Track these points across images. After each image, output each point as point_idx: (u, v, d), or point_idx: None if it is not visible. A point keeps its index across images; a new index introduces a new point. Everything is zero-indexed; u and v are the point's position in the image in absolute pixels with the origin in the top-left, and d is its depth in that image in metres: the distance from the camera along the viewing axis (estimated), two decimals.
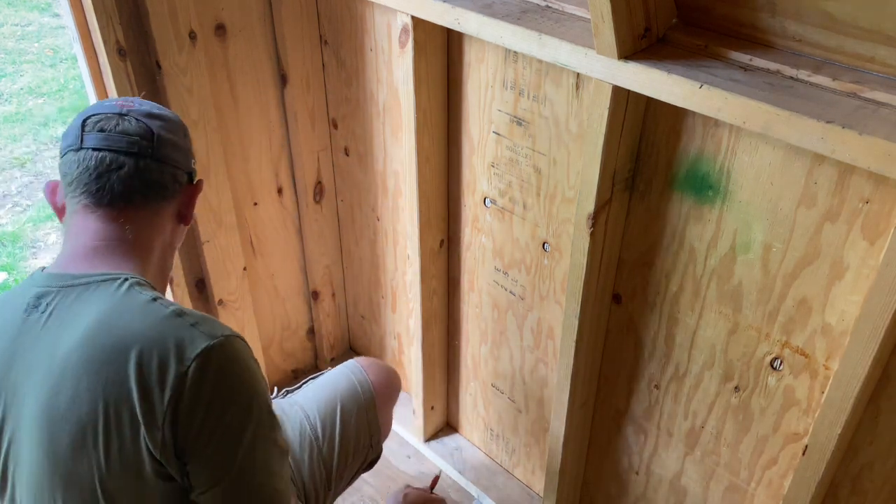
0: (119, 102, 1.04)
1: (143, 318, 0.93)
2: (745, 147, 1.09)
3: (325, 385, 1.53)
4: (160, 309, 0.95)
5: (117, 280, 0.97)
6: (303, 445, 1.41)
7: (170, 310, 0.95)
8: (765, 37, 1.05)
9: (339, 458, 1.43)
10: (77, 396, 0.90)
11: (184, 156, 1.08)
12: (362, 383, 1.52)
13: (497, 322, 1.67)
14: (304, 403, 1.48)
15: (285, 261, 1.98)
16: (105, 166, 0.99)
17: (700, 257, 1.22)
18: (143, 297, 0.96)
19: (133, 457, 0.91)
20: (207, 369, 0.91)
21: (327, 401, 1.48)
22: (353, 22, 1.60)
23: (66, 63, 4.31)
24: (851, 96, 0.96)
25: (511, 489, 1.86)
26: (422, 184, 1.54)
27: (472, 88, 1.43)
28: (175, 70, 1.50)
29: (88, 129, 1.00)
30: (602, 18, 1.02)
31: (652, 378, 1.41)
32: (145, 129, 1.02)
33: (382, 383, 1.55)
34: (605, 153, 1.17)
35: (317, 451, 1.41)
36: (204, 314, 0.99)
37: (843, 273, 1.06)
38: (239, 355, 0.96)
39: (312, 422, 1.44)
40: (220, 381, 0.93)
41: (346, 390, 1.50)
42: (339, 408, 1.47)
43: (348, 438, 1.45)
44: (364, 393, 1.51)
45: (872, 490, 1.18)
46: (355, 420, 1.47)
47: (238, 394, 0.95)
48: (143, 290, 0.97)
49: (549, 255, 1.45)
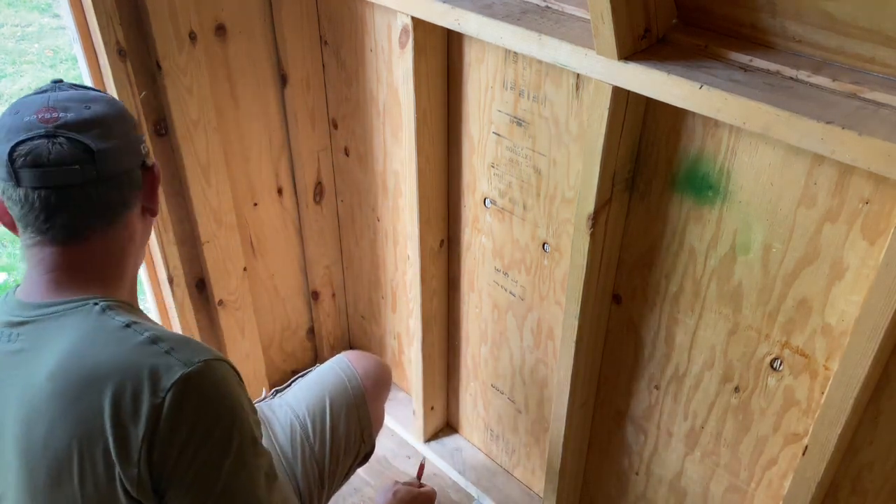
0: (40, 115, 0.91)
1: (116, 348, 0.90)
2: (745, 147, 1.09)
3: (313, 383, 1.52)
4: (133, 336, 0.91)
5: (86, 304, 0.92)
6: (294, 445, 1.40)
7: (143, 336, 0.91)
8: (765, 37, 1.05)
9: (331, 456, 1.43)
10: (52, 432, 0.87)
11: (132, 150, 0.98)
12: (351, 378, 1.51)
13: (497, 322, 1.67)
14: (294, 403, 1.47)
15: (285, 261, 1.98)
16: (52, 206, 0.91)
17: (700, 258, 1.22)
18: (115, 323, 0.92)
19: (108, 495, 0.88)
20: (183, 400, 0.87)
21: (316, 398, 1.47)
22: (353, 22, 1.61)
23: (66, 64, 4.31)
24: (851, 97, 0.96)
25: (511, 489, 1.86)
26: (422, 184, 1.54)
27: (472, 89, 1.43)
28: (175, 70, 1.50)
29: (20, 164, 0.89)
30: (602, 19, 1.02)
31: (652, 378, 1.41)
32: (82, 150, 0.90)
33: (371, 377, 1.54)
34: (605, 153, 1.17)
35: (308, 450, 1.41)
36: (183, 337, 0.95)
37: (842, 273, 1.06)
38: (218, 381, 0.92)
39: (302, 421, 1.43)
40: (198, 411, 0.89)
41: (335, 386, 1.50)
42: (329, 405, 1.46)
43: (339, 435, 1.45)
44: (353, 388, 1.50)
45: (872, 490, 1.18)
46: (345, 416, 1.46)
47: (217, 423, 0.90)
48: (117, 313, 0.93)
49: (549, 255, 1.45)
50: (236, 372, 0.98)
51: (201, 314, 1.83)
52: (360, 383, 1.51)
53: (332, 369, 1.54)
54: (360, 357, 1.58)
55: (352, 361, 1.56)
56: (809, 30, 1.00)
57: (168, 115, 1.54)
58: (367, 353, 1.65)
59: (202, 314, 1.83)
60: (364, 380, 1.52)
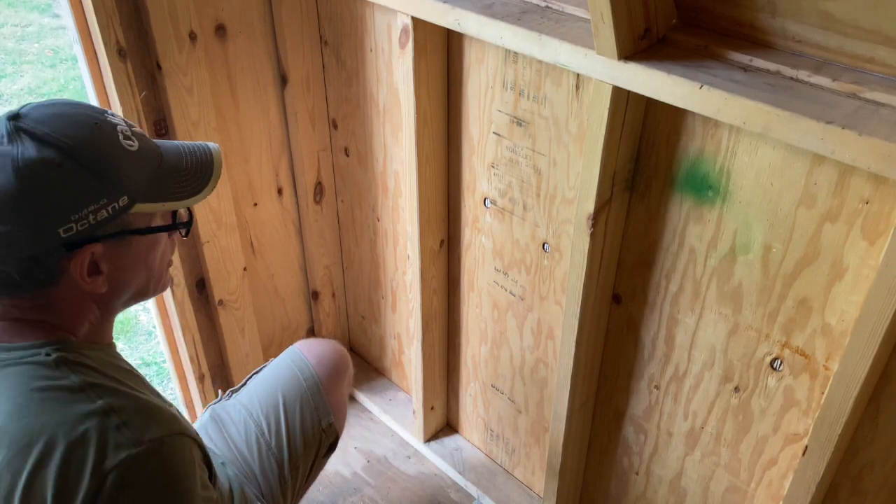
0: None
1: (64, 415, 0.84)
2: (745, 147, 1.09)
3: (266, 379, 1.49)
4: (85, 403, 0.85)
5: (38, 354, 0.87)
6: (250, 445, 1.38)
7: (97, 405, 0.85)
8: (765, 37, 1.05)
9: (290, 451, 1.40)
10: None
11: (29, 236, 0.84)
12: (303, 369, 1.48)
13: (497, 322, 1.67)
14: (247, 402, 1.44)
15: (285, 261, 1.98)
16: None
17: (700, 258, 1.22)
18: (67, 383, 0.86)
19: None
20: (125, 483, 0.82)
21: (269, 395, 1.44)
22: (353, 22, 1.61)
23: (66, 64, 4.31)
24: (851, 97, 0.96)
25: (511, 489, 1.86)
26: (422, 184, 1.55)
27: (472, 89, 1.43)
28: (175, 70, 1.50)
29: None
30: (602, 19, 1.02)
31: (652, 378, 1.41)
32: None
33: (326, 365, 1.50)
34: (605, 153, 1.17)
35: (265, 449, 1.38)
36: (142, 405, 0.89)
37: (843, 273, 1.06)
38: (167, 463, 0.87)
39: (256, 419, 1.41)
40: (141, 496, 0.84)
41: (287, 380, 1.47)
42: (282, 400, 1.43)
43: (295, 429, 1.41)
44: (306, 379, 1.47)
45: (872, 490, 1.18)
46: (300, 409, 1.43)
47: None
48: (71, 370, 0.87)
49: (549, 255, 1.45)
50: (198, 444, 0.95)
51: (201, 314, 1.83)
52: (314, 373, 1.48)
53: (284, 362, 1.51)
54: (313, 345, 1.54)
55: (304, 351, 1.52)
56: (809, 30, 1.00)
57: (168, 115, 1.54)
58: (322, 339, 1.61)
59: (202, 314, 1.83)
60: (318, 369, 1.48)
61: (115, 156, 0.89)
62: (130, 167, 0.90)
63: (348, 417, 2.07)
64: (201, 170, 1.00)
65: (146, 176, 0.93)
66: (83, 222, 0.86)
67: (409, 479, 1.93)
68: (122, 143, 0.90)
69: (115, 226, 0.90)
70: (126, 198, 0.89)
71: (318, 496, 1.87)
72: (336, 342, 1.60)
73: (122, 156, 0.89)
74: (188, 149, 1.01)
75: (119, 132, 0.91)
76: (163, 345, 1.90)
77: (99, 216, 0.87)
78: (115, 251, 0.91)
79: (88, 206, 0.86)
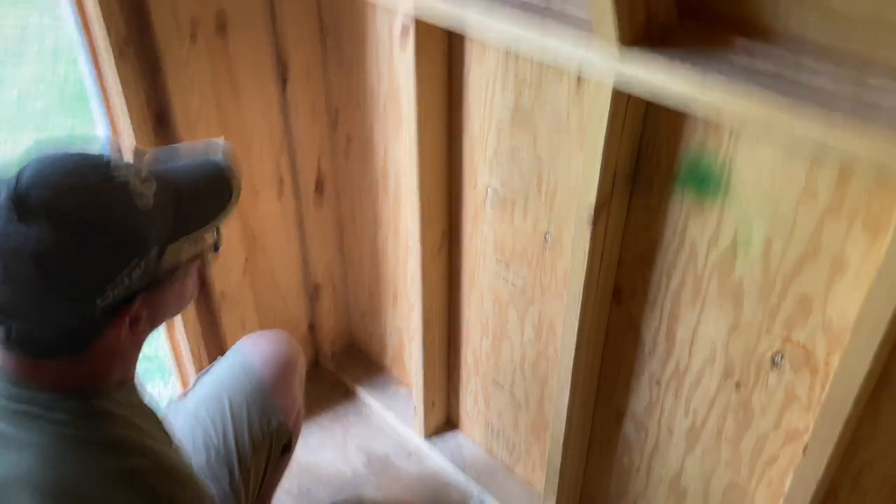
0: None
1: (89, 472, 0.83)
2: (746, 144, 1.08)
3: (211, 382, 1.45)
4: (115, 461, 0.84)
5: (71, 400, 0.85)
6: (198, 449, 1.35)
7: (126, 465, 0.85)
8: (766, 33, 1.05)
9: (239, 456, 1.36)
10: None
11: (54, 306, 0.81)
12: (247, 370, 1.44)
13: (498, 316, 1.67)
14: (194, 405, 1.41)
15: (286, 256, 1.98)
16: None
17: (701, 254, 1.22)
18: (98, 437, 0.85)
19: None
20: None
21: (214, 398, 1.41)
22: (354, 17, 1.60)
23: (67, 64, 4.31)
24: (853, 93, 0.95)
25: (511, 487, 1.86)
26: (422, 179, 1.54)
27: (473, 85, 1.42)
28: (176, 64, 1.50)
29: None
30: (602, 17, 1.02)
31: (652, 375, 1.41)
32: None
33: (271, 362, 1.45)
34: (605, 151, 1.17)
35: (214, 453, 1.35)
36: (168, 465, 0.89)
37: (844, 270, 1.05)
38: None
39: (203, 423, 1.37)
40: None
41: (231, 381, 1.43)
42: (227, 402, 1.39)
43: (243, 433, 1.38)
44: (251, 381, 1.42)
45: (872, 489, 1.18)
46: (246, 412, 1.39)
47: None
48: (103, 421, 0.86)
49: (551, 246, 1.45)
50: (209, 495, 0.96)
51: (202, 309, 1.83)
52: (259, 373, 1.43)
53: (229, 364, 1.47)
54: (258, 342, 1.49)
55: (247, 350, 1.47)
56: (811, 26, 0.99)
57: (169, 108, 1.54)
58: (269, 333, 1.55)
59: (203, 309, 1.83)
60: (263, 368, 1.44)
61: (137, 217, 0.84)
62: (153, 220, 0.86)
63: (348, 413, 2.09)
64: (219, 185, 0.97)
65: (169, 219, 0.88)
66: (119, 287, 0.83)
67: (409, 475, 1.93)
68: (138, 203, 0.84)
69: (151, 275, 0.86)
70: (156, 248, 0.86)
71: (319, 493, 1.87)
72: (284, 335, 1.54)
73: (143, 214, 0.84)
74: (201, 167, 0.97)
75: (132, 190, 0.84)
76: (164, 340, 1.90)
77: (133, 276, 0.83)
78: (154, 297, 0.89)
79: (121, 272, 0.82)
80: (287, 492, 1.86)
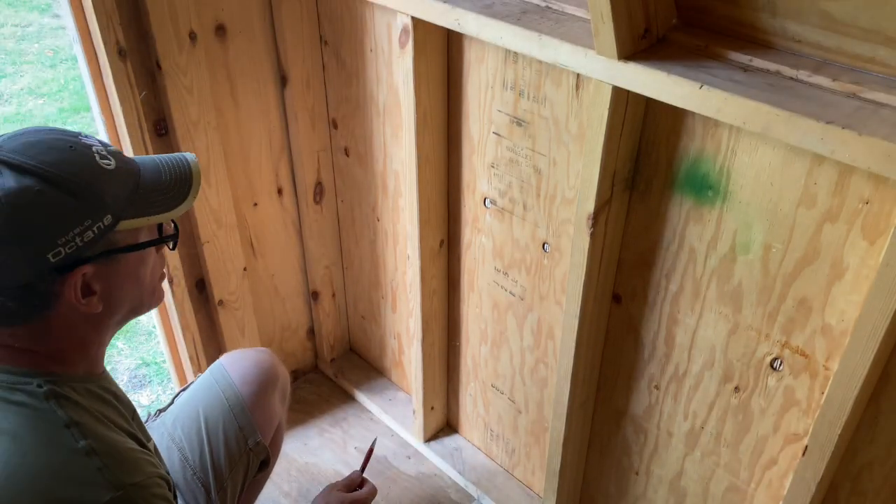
0: None
1: (47, 454, 0.87)
2: (745, 147, 1.09)
3: (189, 399, 1.44)
4: (69, 442, 0.88)
5: (31, 384, 0.90)
6: (174, 468, 1.35)
7: (79, 445, 0.88)
8: (765, 37, 1.05)
9: (215, 474, 1.36)
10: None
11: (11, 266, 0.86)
12: (225, 388, 1.43)
13: (497, 322, 1.67)
14: (169, 424, 1.40)
15: (285, 261, 1.98)
16: None
17: (700, 257, 1.22)
18: (54, 419, 0.89)
19: None
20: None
21: (191, 416, 1.40)
22: (353, 22, 1.61)
23: (66, 64, 4.31)
24: (851, 97, 0.96)
25: (511, 489, 1.86)
26: (422, 184, 1.55)
27: (472, 89, 1.43)
28: (175, 70, 1.50)
29: None
30: (602, 19, 1.02)
31: (652, 378, 1.41)
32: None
33: (249, 380, 1.45)
34: (605, 153, 1.17)
35: (190, 472, 1.35)
36: (122, 449, 0.93)
37: (842, 273, 1.06)
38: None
39: (178, 442, 1.37)
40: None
41: (209, 399, 1.42)
42: (203, 421, 1.39)
43: (219, 451, 1.37)
44: (229, 398, 1.42)
45: (872, 490, 1.18)
46: (223, 430, 1.38)
47: None
48: (58, 405, 0.90)
49: (549, 255, 1.45)
50: (167, 482, 0.98)
51: (201, 314, 1.83)
52: (238, 391, 1.43)
53: (207, 381, 1.46)
54: (237, 360, 1.49)
55: (227, 367, 1.47)
56: (809, 30, 1.00)
57: (168, 114, 1.54)
58: (249, 350, 1.55)
59: (202, 314, 1.83)
60: (241, 386, 1.43)
61: (94, 176, 0.90)
62: (110, 185, 0.91)
63: (348, 417, 2.09)
64: (181, 182, 1.02)
65: (127, 193, 0.94)
66: (70, 245, 0.88)
67: (409, 479, 1.93)
68: (99, 163, 0.91)
69: (103, 245, 0.91)
70: (110, 216, 0.91)
71: None
72: (265, 353, 1.55)
73: (100, 175, 0.91)
74: (166, 162, 1.02)
75: (95, 153, 0.92)
76: (163, 345, 1.90)
77: (85, 237, 0.88)
78: (106, 270, 0.93)
79: (74, 229, 0.87)
80: (286, 494, 1.87)
